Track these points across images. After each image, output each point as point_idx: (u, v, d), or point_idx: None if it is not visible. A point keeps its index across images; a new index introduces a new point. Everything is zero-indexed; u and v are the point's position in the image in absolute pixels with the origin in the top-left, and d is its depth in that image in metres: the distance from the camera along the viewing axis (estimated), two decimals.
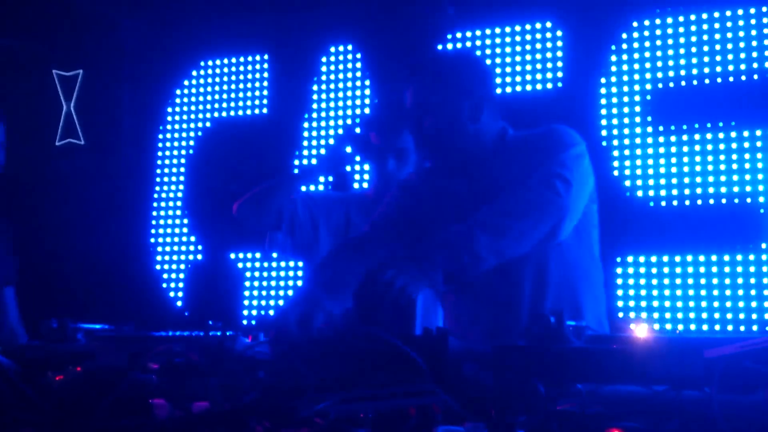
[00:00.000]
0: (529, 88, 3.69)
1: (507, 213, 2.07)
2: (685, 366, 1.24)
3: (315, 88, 4.12)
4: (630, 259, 3.39)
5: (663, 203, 3.38)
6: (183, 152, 4.37)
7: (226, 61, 4.34)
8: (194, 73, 4.39)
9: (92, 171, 4.30)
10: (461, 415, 1.18)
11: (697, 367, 1.22)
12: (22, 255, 3.09)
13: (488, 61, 3.65)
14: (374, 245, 2.37)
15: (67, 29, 4.34)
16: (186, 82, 4.39)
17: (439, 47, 3.85)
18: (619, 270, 3.38)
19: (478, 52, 3.73)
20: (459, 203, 2.36)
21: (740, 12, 3.33)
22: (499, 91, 3.70)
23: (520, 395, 1.10)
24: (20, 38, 4.32)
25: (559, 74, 3.64)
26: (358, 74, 4.05)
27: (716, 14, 3.37)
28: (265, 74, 4.26)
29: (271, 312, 3.96)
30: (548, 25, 3.68)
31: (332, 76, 4.09)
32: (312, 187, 3.32)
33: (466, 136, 2.35)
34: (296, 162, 4.09)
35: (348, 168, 3.53)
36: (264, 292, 4.02)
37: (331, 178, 3.79)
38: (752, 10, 3.31)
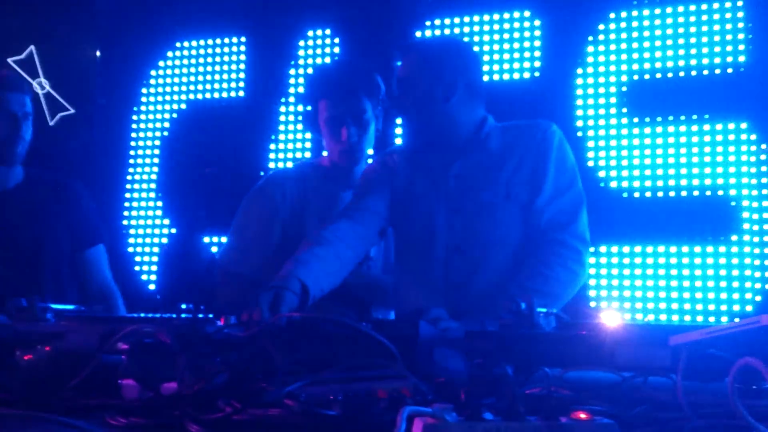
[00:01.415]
0: (506, 77, 3.70)
1: (546, 294, 2.20)
2: (651, 352, 1.26)
3: (292, 72, 4.10)
4: (603, 248, 3.42)
5: (636, 194, 3.41)
6: (158, 134, 4.33)
7: (202, 42, 4.30)
8: (170, 54, 4.34)
9: (65, 151, 4.25)
10: (430, 397, 1.18)
11: (663, 353, 1.24)
12: None
13: (476, 48, 3.66)
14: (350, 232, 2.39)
15: (39, 8, 4.28)
16: (162, 63, 4.35)
17: (428, 33, 3.85)
18: (592, 260, 3.41)
19: (466, 39, 3.74)
20: (438, 185, 2.44)
21: (716, 6, 3.36)
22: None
23: (488, 378, 1.11)
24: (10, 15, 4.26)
25: (537, 63, 3.66)
26: (336, 59, 4.03)
27: (692, 7, 3.40)
28: (242, 57, 4.23)
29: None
30: (526, 14, 3.69)
31: (309, 60, 4.08)
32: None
33: (439, 114, 2.42)
34: (272, 146, 4.07)
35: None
36: None
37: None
38: (728, 4, 3.34)
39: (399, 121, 3.72)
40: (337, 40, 4.05)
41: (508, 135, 2.47)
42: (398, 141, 3.79)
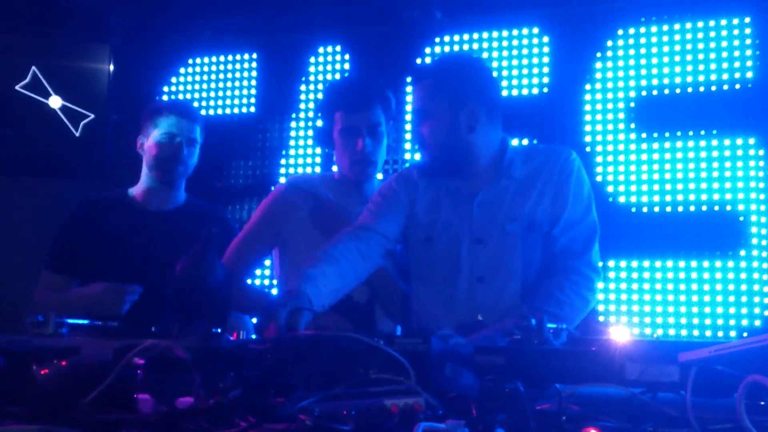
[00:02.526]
0: (515, 92, 3.72)
1: (559, 316, 2.22)
2: (660, 369, 1.27)
3: (303, 88, 4.13)
4: (612, 263, 3.43)
5: (645, 209, 3.42)
6: None
7: (214, 59, 4.34)
8: (182, 70, 4.38)
9: (79, 167, 4.29)
10: (441, 413, 1.20)
11: (673, 370, 1.25)
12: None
13: (491, 64, 3.70)
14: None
15: (54, 25, 4.33)
16: (174, 80, 4.39)
17: (437, 50, 3.86)
18: None
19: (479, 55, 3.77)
20: (462, 212, 2.45)
21: (723, 22, 3.38)
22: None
23: (500, 394, 1.12)
24: (6, 31, 4.30)
25: (545, 80, 3.68)
26: (346, 75, 4.07)
27: (700, 24, 3.42)
28: (254, 73, 4.27)
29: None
30: (535, 30, 3.71)
31: (320, 77, 4.11)
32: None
33: (463, 145, 2.40)
34: (282, 161, 4.10)
35: None
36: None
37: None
38: (735, 21, 3.36)
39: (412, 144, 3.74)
40: (347, 57, 4.08)
41: (529, 162, 2.47)
42: (408, 156, 3.81)
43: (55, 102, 4.31)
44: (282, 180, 4.04)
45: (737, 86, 3.33)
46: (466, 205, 2.46)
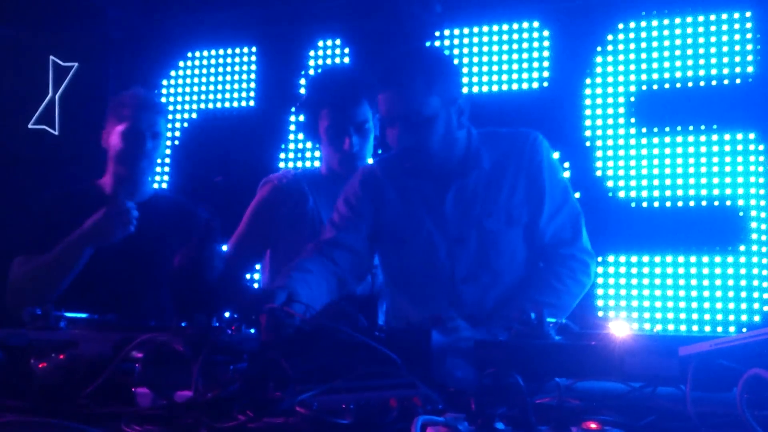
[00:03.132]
0: (515, 87, 3.71)
1: (557, 306, 2.21)
2: (660, 363, 1.27)
3: (302, 81, 4.12)
4: (611, 258, 3.43)
5: (644, 204, 3.42)
6: (169, 143, 4.36)
7: (213, 52, 4.33)
8: (181, 64, 4.38)
9: (76, 160, 4.28)
10: (441, 407, 1.20)
11: (672, 364, 1.25)
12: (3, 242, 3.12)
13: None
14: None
15: (53, 19, 4.32)
16: (173, 73, 4.38)
17: (437, 44, 3.85)
18: (600, 269, 3.42)
19: (457, 50, 3.76)
20: (434, 211, 2.35)
21: (724, 17, 3.37)
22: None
23: (500, 388, 1.12)
24: (6, 26, 4.30)
25: (545, 74, 3.67)
26: (335, 65, 4.05)
27: (701, 18, 3.41)
28: (253, 66, 4.26)
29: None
30: (535, 24, 3.71)
31: (320, 70, 4.10)
32: None
33: (454, 143, 2.31)
34: (282, 155, 4.09)
35: None
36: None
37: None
38: (736, 15, 3.35)
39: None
40: (347, 50, 4.07)
41: (496, 150, 2.36)
42: None
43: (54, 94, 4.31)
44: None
45: (738, 81, 3.32)
46: (437, 202, 2.34)
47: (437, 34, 3.87)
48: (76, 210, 2.87)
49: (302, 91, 4.10)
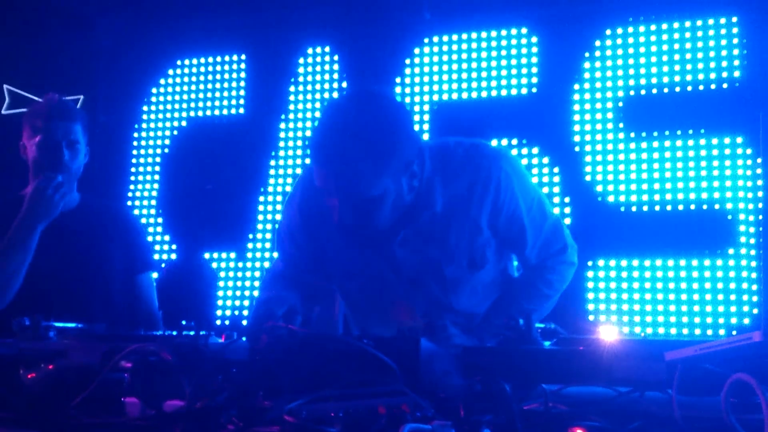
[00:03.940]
0: (504, 93, 3.73)
1: (546, 309, 2.21)
2: (647, 368, 1.28)
3: (292, 88, 4.13)
4: (601, 262, 3.44)
5: (633, 208, 3.44)
6: (158, 151, 4.36)
7: (203, 60, 4.33)
8: (171, 72, 4.37)
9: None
10: (429, 414, 1.20)
11: (659, 368, 1.26)
12: None
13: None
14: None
15: (42, 27, 4.32)
16: (162, 81, 4.38)
17: (426, 50, 3.84)
18: (590, 273, 3.44)
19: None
20: (382, 254, 2.13)
21: (711, 22, 3.40)
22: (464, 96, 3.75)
23: (487, 395, 1.12)
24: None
25: (534, 80, 3.69)
26: (335, 76, 4.07)
27: (687, 24, 3.44)
28: (242, 74, 4.26)
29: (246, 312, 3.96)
30: (524, 31, 3.72)
31: (309, 77, 4.11)
32: None
33: (403, 206, 2.02)
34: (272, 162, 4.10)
35: None
36: (238, 293, 4.02)
37: None
38: (723, 20, 3.38)
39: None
40: (336, 58, 4.08)
41: (451, 185, 2.06)
42: None
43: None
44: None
45: (725, 86, 3.35)
46: (385, 245, 2.08)
47: (426, 40, 3.88)
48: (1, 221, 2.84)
49: (291, 98, 4.10)
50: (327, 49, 4.10)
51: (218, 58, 4.31)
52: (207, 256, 4.10)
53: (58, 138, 2.84)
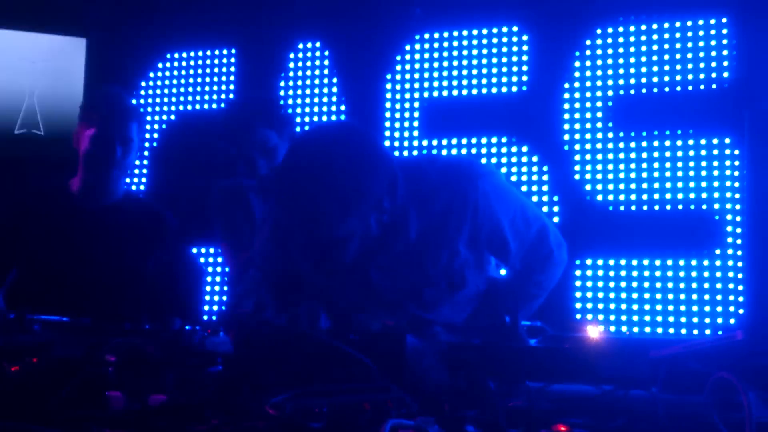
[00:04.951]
0: (494, 90, 3.72)
1: (536, 306, 2.19)
2: (632, 366, 1.28)
3: (282, 83, 4.12)
4: (589, 261, 3.45)
5: (622, 208, 3.44)
6: (147, 145, 4.34)
7: (192, 54, 4.31)
8: (160, 65, 4.36)
9: (53, 162, 4.25)
10: (414, 410, 1.20)
11: (643, 367, 1.26)
12: None
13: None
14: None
15: (29, 20, 4.29)
16: (151, 75, 4.36)
17: (417, 47, 3.84)
18: (578, 272, 3.44)
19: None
20: (356, 276, 2.08)
21: (701, 22, 3.40)
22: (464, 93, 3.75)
23: (471, 391, 1.12)
24: None
25: (524, 78, 3.69)
26: (326, 71, 4.06)
27: (677, 24, 3.44)
28: (232, 68, 4.25)
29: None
30: (514, 29, 3.72)
31: (299, 73, 4.10)
32: None
33: (372, 239, 1.97)
34: None
35: None
36: (226, 288, 4.01)
37: None
38: (712, 21, 3.39)
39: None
40: (326, 53, 4.07)
41: (427, 207, 2.00)
42: None
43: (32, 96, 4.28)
44: None
45: (714, 86, 3.35)
46: (360, 270, 2.03)
47: (417, 37, 3.87)
48: (42, 212, 2.84)
49: (281, 93, 4.09)
50: (317, 44, 4.09)
51: (208, 52, 4.29)
52: (195, 251, 4.08)
53: (112, 134, 2.83)
